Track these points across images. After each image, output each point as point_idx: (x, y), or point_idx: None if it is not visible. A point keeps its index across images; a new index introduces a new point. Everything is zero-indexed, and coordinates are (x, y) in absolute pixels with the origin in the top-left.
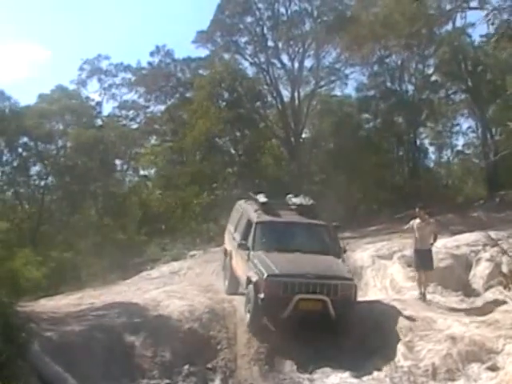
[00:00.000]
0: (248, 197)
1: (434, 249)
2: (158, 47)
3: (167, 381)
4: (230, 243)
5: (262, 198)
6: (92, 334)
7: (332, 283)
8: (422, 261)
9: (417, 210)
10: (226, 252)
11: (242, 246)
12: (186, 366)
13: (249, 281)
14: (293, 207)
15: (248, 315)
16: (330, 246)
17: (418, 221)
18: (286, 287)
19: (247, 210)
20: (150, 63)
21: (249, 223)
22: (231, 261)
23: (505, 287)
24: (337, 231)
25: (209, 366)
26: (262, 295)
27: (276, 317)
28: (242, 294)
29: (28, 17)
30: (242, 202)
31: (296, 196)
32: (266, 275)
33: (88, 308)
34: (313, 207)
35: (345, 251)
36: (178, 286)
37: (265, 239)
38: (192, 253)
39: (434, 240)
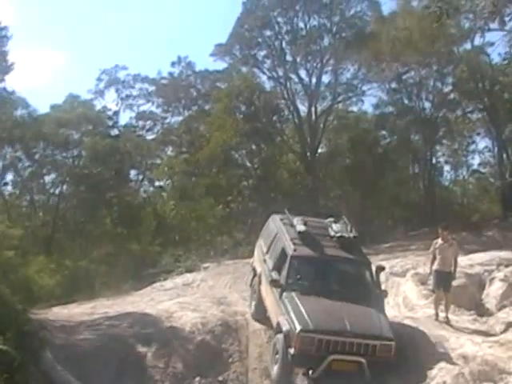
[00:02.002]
0: (284, 215)
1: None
2: (179, 58)
3: None
4: (259, 264)
5: (299, 226)
6: (104, 344)
7: (370, 343)
8: (442, 282)
9: (439, 230)
10: (254, 270)
11: (274, 283)
12: (198, 378)
13: (278, 328)
14: (333, 238)
15: (275, 367)
16: (372, 291)
17: (440, 241)
18: (319, 345)
19: (282, 233)
20: (170, 73)
21: (283, 253)
22: (260, 285)
23: None
24: (380, 273)
25: (220, 378)
26: (292, 350)
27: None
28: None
29: (46, 23)
30: (277, 218)
31: (336, 221)
32: (298, 329)
33: (101, 317)
34: (355, 240)
35: (386, 295)
36: (191, 298)
37: (300, 277)
38: (205, 265)
39: (455, 265)
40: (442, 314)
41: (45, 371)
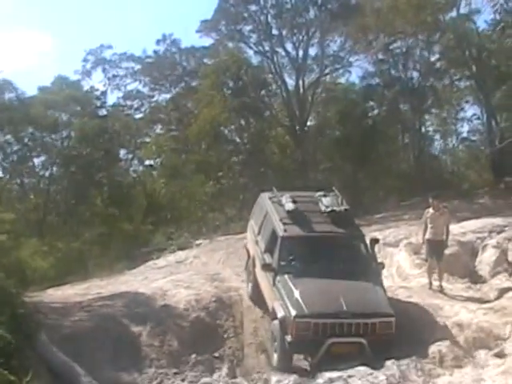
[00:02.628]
0: (273, 193)
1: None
2: (164, 36)
3: (175, 370)
4: (252, 245)
5: (288, 204)
6: (99, 324)
7: (370, 322)
8: (435, 251)
9: (430, 199)
10: (248, 252)
11: (266, 268)
12: (193, 355)
13: (274, 314)
14: (324, 214)
15: (275, 355)
16: (368, 263)
17: (431, 210)
18: (316, 329)
19: (272, 213)
20: (155, 52)
21: (274, 234)
22: (254, 268)
23: (510, 275)
24: (375, 245)
25: (216, 354)
26: (289, 337)
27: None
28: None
29: (30, 4)
30: (266, 196)
31: (327, 195)
32: (293, 315)
33: (95, 298)
34: (347, 213)
35: (383, 267)
36: (185, 275)
37: (292, 258)
38: (198, 242)
39: (447, 234)
40: (435, 283)
41: (40, 354)
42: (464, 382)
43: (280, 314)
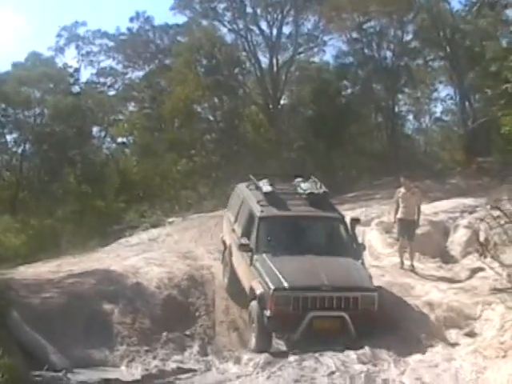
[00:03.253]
0: (249, 181)
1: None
2: (137, 13)
3: (146, 347)
4: (229, 235)
5: (266, 187)
6: (71, 302)
7: (351, 296)
8: (406, 230)
9: (402, 179)
10: (224, 244)
11: (243, 248)
12: (165, 333)
13: (252, 293)
14: (302, 196)
15: (253, 337)
16: (348, 244)
17: (402, 190)
18: (296, 303)
19: (249, 198)
20: (129, 29)
21: (251, 217)
22: (231, 257)
23: (481, 255)
24: (355, 226)
25: (187, 332)
26: (268, 313)
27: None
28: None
29: None
30: (242, 186)
31: (305, 181)
32: (272, 289)
33: (67, 275)
34: (326, 196)
35: (364, 248)
36: (157, 253)
37: (270, 238)
38: (170, 220)
39: (418, 213)
40: (407, 262)
41: (12, 331)
42: (435, 361)
43: (259, 290)
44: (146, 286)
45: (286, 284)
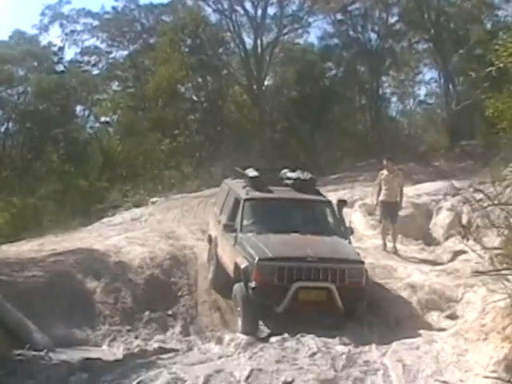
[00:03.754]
0: (235, 173)
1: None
2: None
3: (128, 327)
4: (215, 228)
5: (251, 172)
6: (53, 281)
7: (338, 267)
8: (389, 212)
9: (384, 161)
10: (210, 239)
11: (227, 228)
12: (147, 313)
13: (236, 269)
14: (288, 182)
15: (239, 320)
16: (335, 226)
17: (385, 172)
18: (281, 273)
19: (234, 187)
20: (114, 8)
21: (236, 202)
22: (216, 248)
23: (463, 237)
24: (342, 208)
25: (169, 312)
26: (252, 284)
27: (270, 311)
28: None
29: None
30: (228, 180)
31: (293, 171)
32: (257, 259)
33: (49, 254)
34: (312, 182)
35: (352, 232)
36: (140, 233)
37: (255, 219)
38: (153, 199)
39: (401, 195)
40: (389, 244)
41: None
42: (416, 343)
43: (243, 264)
44: (128, 266)
45: (270, 254)
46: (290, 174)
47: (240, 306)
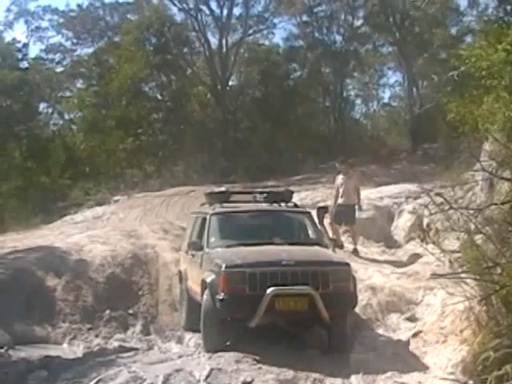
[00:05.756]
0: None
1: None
2: None
3: (88, 325)
4: (184, 260)
5: (219, 188)
6: (14, 277)
7: (320, 270)
8: (347, 215)
9: (337, 164)
10: (180, 276)
11: (192, 246)
12: (108, 311)
13: (203, 287)
14: (260, 197)
15: (202, 331)
16: (316, 237)
17: (341, 176)
18: (253, 281)
19: (202, 209)
20: (79, 6)
21: (203, 220)
22: (187, 283)
23: (422, 241)
24: (323, 216)
25: (130, 311)
26: (220, 295)
27: (242, 326)
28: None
29: None
30: (194, 210)
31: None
32: (223, 266)
33: (10, 251)
34: (287, 194)
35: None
36: (101, 231)
37: (224, 234)
38: (116, 198)
39: (358, 197)
40: (350, 246)
41: None
42: (375, 345)
43: (210, 278)
44: (89, 264)
45: (239, 261)
46: (262, 190)
47: (201, 322)
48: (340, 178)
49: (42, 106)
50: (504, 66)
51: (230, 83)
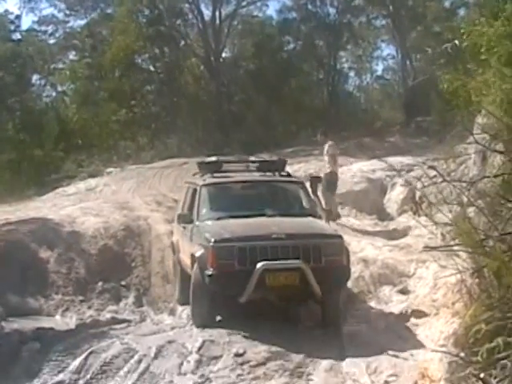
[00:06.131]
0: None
1: (349, 172)
2: None
3: (81, 297)
4: (176, 232)
5: (210, 158)
6: (6, 250)
7: (311, 243)
8: (334, 183)
9: (318, 135)
10: (173, 247)
11: (182, 218)
12: (100, 283)
13: (193, 261)
14: (254, 167)
15: (192, 308)
16: (309, 208)
17: (326, 146)
18: (243, 255)
19: (193, 180)
20: None
21: (194, 192)
22: (179, 254)
23: (414, 213)
24: (317, 186)
25: (123, 283)
26: (209, 271)
27: (232, 302)
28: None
29: None
30: (188, 178)
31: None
32: (212, 241)
33: (3, 223)
34: (280, 163)
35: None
36: (94, 203)
37: (214, 206)
38: (109, 170)
39: (335, 166)
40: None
41: None
42: (368, 317)
43: (199, 252)
44: (82, 236)
45: (228, 235)
46: (253, 158)
47: (191, 297)
48: (325, 149)
49: (34, 78)
50: (503, 39)
51: (224, 55)
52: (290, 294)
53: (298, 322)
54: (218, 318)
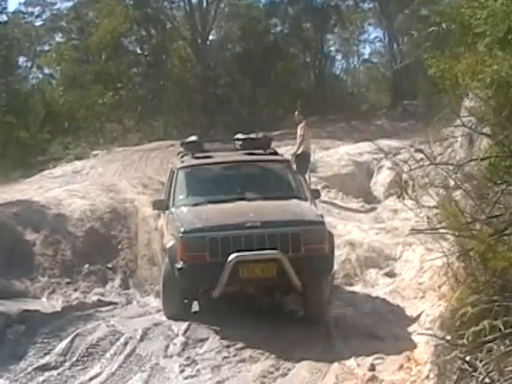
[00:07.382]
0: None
1: (336, 155)
2: None
3: (67, 280)
4: (163, 216)
5: (190, 138)
6: None
7: (289, 231)
8: (308, 162)
9: (296, 113)
10: (160, 231)
11: (157, 204)
12: (87, 265)
13: (164, 253)
14: (237, 145)
15: (162, 300)
16: (295, 189)
17: (300, 125)
18: (215, 246)
19: (175, 162)
20: None
21: (171, 174)
22: (163, 240)
23: (399, 197)
24: (304, 164)
25: (109, 265)
26: (179, 264)
27: (204, 296)
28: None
29: None
30: (173, 159)
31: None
32: (182, 231)
33: None
34: (266, 141)
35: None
36: (81, 186)
37: (191, 190)
38: (95, 152)
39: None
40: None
41: None
42: (354, 300)
43: (170, 244)
44: (68, 218)
45: (199, 224)
46: (239, 136)
47: (161, 290)
48: (300, 128)
49: (21, 60)
50: (502, 17)
51: (210, 38)
52: (267, 286)
53: (284, 305)
54: (196, 308)
